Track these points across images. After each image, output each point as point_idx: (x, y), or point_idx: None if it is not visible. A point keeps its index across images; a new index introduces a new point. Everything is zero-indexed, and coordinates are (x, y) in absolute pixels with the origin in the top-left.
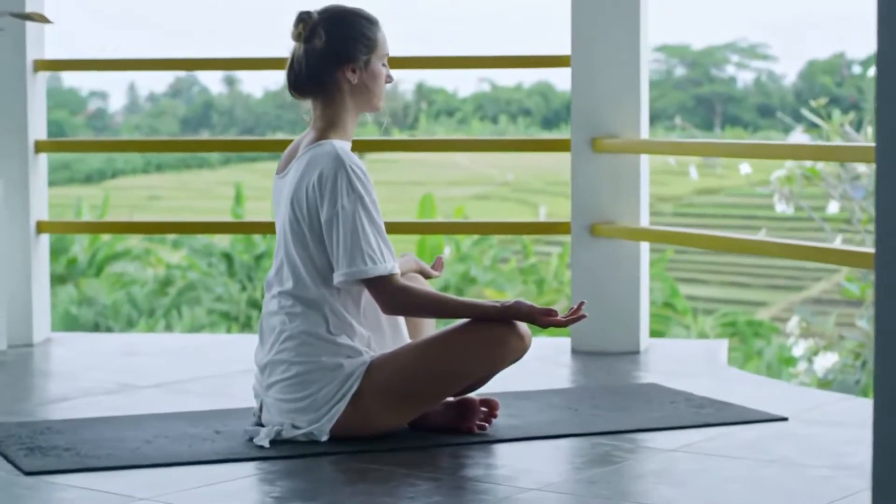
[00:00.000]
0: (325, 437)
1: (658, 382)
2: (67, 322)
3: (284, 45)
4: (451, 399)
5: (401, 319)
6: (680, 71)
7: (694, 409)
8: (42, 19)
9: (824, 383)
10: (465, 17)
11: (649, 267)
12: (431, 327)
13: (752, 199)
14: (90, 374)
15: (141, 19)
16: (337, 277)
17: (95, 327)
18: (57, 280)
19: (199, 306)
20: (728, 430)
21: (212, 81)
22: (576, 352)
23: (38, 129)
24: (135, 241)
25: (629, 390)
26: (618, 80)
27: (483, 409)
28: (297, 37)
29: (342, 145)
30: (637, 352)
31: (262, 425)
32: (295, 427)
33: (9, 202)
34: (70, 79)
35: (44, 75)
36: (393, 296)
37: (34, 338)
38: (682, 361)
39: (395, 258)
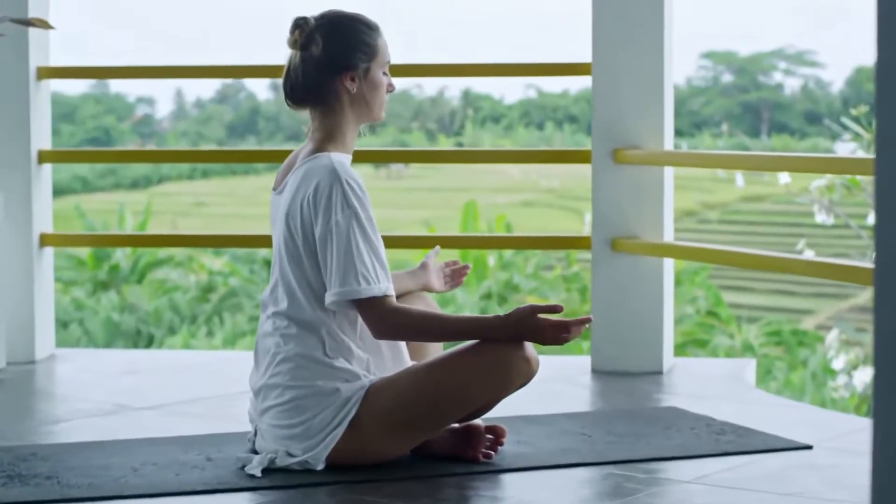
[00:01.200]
0: (320, 466)
1: (679, 405)
2: (109, 328)
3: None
4: (455, 425)
5: (402, 343)
6: (727, 78)
7: (714, 436)
8: (44, 25)
9: (864, 398)
10: (490, 21)
11: (693, 275)
12: (436, 349)
13: (797, 206)
14: (88, 394)
15: (150, 24)
16: (328, 297)
17: (137, 334)
18: (99, 286)
19: (240, 313)
20: (749, 460)
21: (259, 88)
22: (596, 372)
23: (41, 139)
24: (177, 248)
25: (648, 414)
26: (641, 89)
27: (489, 436)
28: (293, 44)
29: (339, 158)
30: (660, 372)
31: (257, 452)
32: (289, 455)
33: (10, 214)
34: (117, 85)
35: (48, 83)
36: (384, 319)
37: (36, 354)
38: (706, 382)
39: (389, 279)
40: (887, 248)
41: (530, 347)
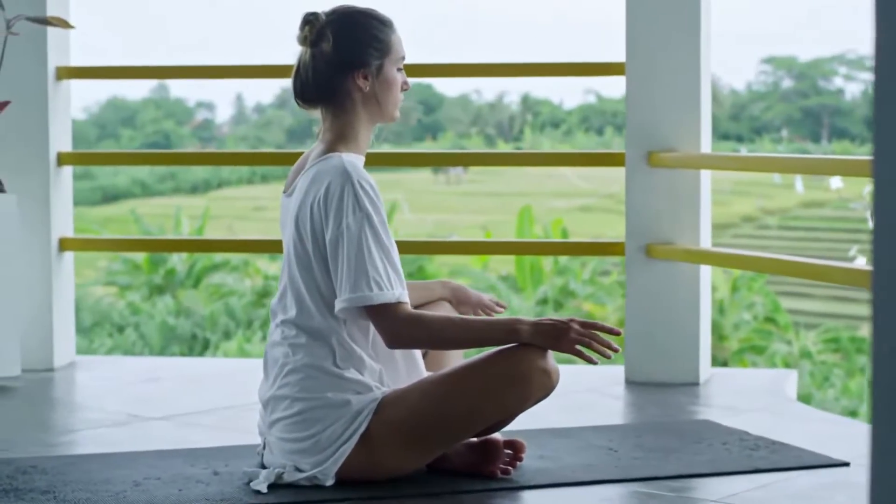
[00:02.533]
0: (330, 482)
1: (714, 419)
2: (164, 333)
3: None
4: (473, 439)
5: (416, 351)
6: (787, 83)
7: (747, 452)
8: (62, 24)
9: None
10: (521, 21)
11: (751, 281)
12: (455, 358)
13: (857, 212)
14: (101, 404)
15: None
16: (338, 304)
17: (193, 338)
18: (155, 290)
19: None
20: (781, 477)
21: None
22: (630, 382)
23: (61, 141)
24: (233, 253)
25: (679, 428)
26: (677, 89)
27: (507, 450)
28: (302, 40)
29: (351, 159)
30: (696, 383)
31: (266, 467)
32: (298, 470)
33: (28, 218)
34: (177, 90)
35: (68, 84)
36: (398, 327)
37: (55, 362)
38: (744, 394)
39: (403, 285)
40: (886, 252)
41: (551, 359)
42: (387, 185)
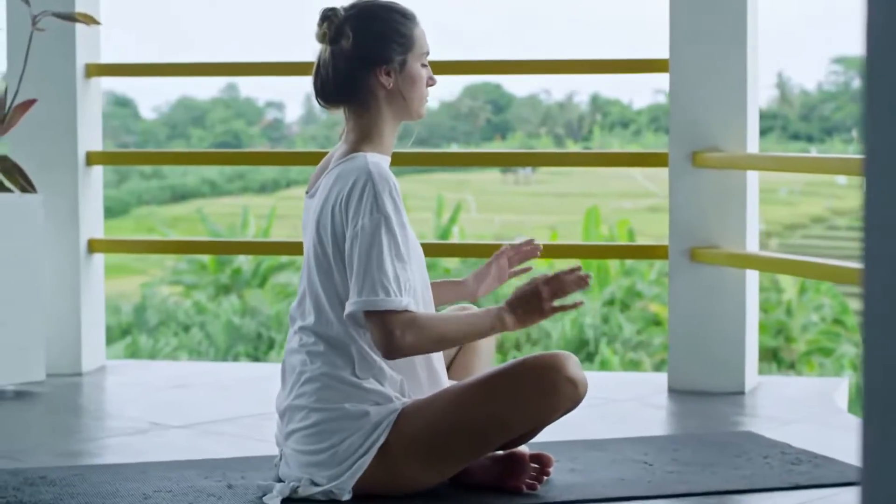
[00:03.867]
0: (347, 496)
1: (757, 430)
2: (230, 332)
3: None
4: (498, 452)
5: (438, 360)
6: (858, 83)
7: (788, 466)
8: (89, 20)
9: None
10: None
11: (819, 283)
12: (479, 369)
13: None
14: (124, 411)
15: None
16: (347, 307)
17: (258, 338)
18: (221, 290)
19: None
20: (822, 494)
21: None
22: (673, 391)
23: (90, 140)
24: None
25: (719, 440)
26: (722, 86)
27: (534, 464)
28: (321, 38)
29: (375, 159)
30: (742, 392)
31: (282, 480)
32: (313, 484)
33: (56, 219)
34: (247, 89)
35: (97, 81)
36: (398, 334)
37: (84, 366)
38: (791, 404)
39: (411, 294)
40: (874, 251)
41: (577, 368)
42: (455, 186)
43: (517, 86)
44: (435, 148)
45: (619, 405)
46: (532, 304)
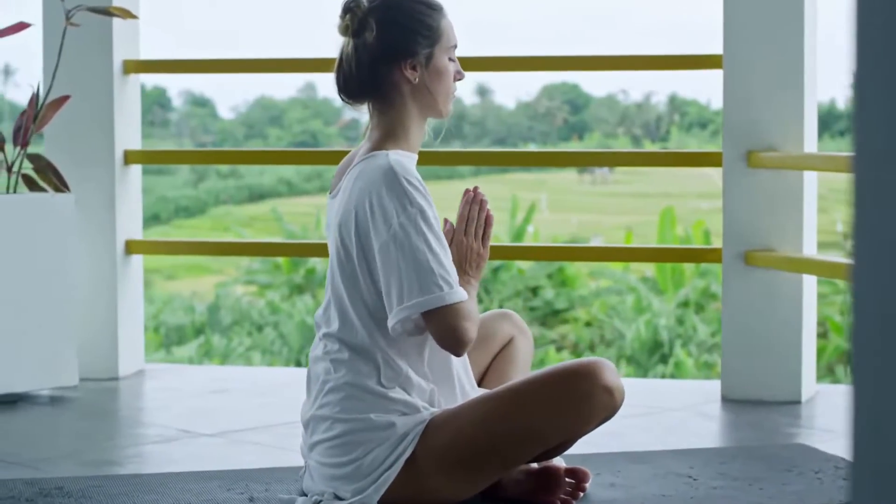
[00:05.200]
0: None
1: (811, 442)
2: (304, 332)
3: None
4: (533, 465)
5: (469, 366)
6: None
7: (840, 483)
8: (126, 15)
9: None
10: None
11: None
12: (512, 377)
13: None
14: (155, 418)
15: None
16: (400, 313)
17: None
18: (295, 290)
19: None
20: None
21: (465, 92)
22: (726, 400)
23: (128, 138)
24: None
25: (770, 453)
26: (778, 83)
27: (569, 479)
28: (344, 30)
29: (397, 157)
30: (798, 402)
31: (305, 493)
32: (337, 498)
33: (93, 219)
34: (324, 89)
35: (136, 78)
36: (463, 326)
37: (120, 371)
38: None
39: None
40: (864, 252)
41: (613, 375)
42: (532, 185)
43: (595, 86)
44: (512, 147)
45: (668, 415)
46: (469, 257)
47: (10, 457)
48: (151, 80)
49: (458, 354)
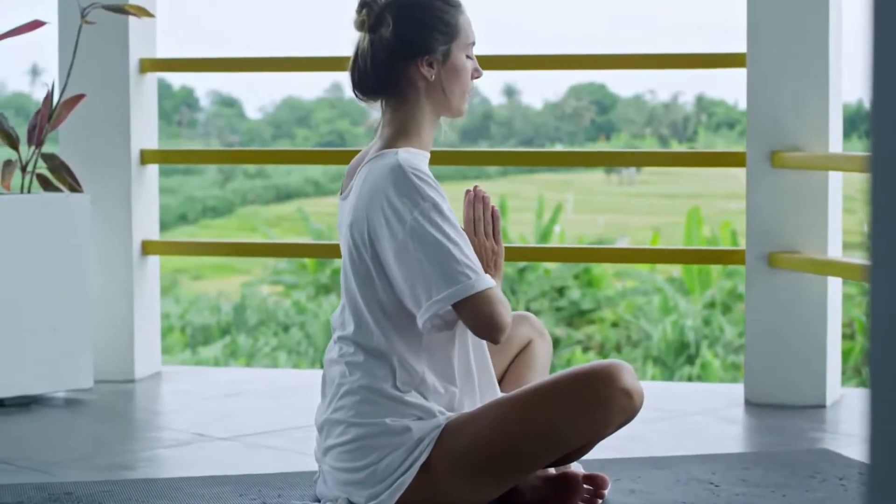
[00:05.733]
0: None
1: (835, 448)
2: (330, 331)
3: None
4: (550, 470)
5: (490, 370)
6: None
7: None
8: (142, 13)
9: None
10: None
11: None
12: (530, 379)
13: None
14: (169, 421)
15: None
16: (431, 307)
17: None
18: (321, 289)
19: None
20: None
21: (492, 92)
22: (749, 404)
23: (145, 138)
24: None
25: (793, 459)
26: (803, 82)
27: (587, 486)
28: (360, 25)
29: (406, 155)
30: (822, 406)
31: (319, 499)
32: (351, 503)
33: (108, 219)
34: (350, 89)
35: (153, 76)
36: (496, 310)
37: (136, 373)
38: None
39: None
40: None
41: (632, 378)
42: (559, 186)
43: (622, 86)
44: (539, 148)
45: (690, 419)
46: (486, 256)
47: (21, 461)
48: (179, 79)
49: (496, 341)
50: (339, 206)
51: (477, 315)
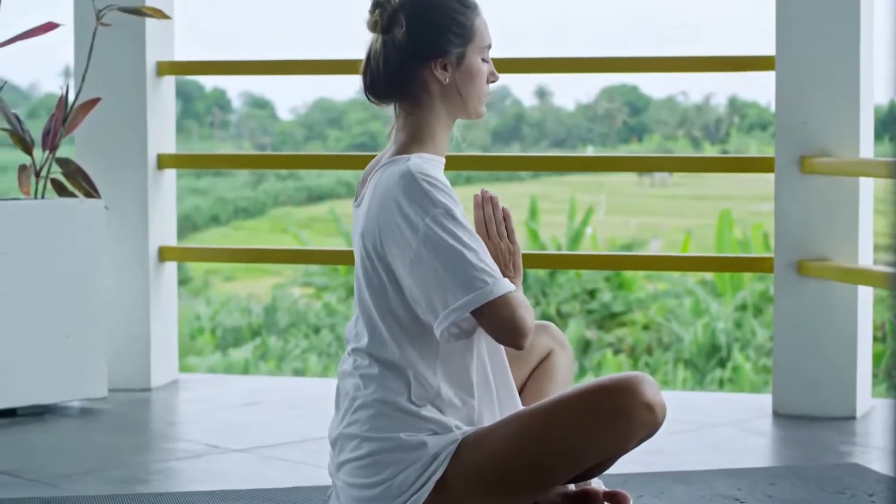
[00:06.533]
0: None
1: (865, 462)
2: None
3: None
4: (570, 486)
5: (510, 382)
6: None
7: None
8: (158, 15)
9: None
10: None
11: None
12: (549, 393)
13: None
14: (184, 431)
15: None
16: (449, 316)
17: None
18: (352, 291)
19: None
20: None
21: (524, 94)
22: (777, 415)
23: (162, 142)
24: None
25: (821, 474)
26: (833, 85)
27: (608, 503)
28: (373, 26)
29: (420, 161)
30: (852, 417)
31: None
32: None
33: (125, 225)
34: None
35: (170, 79)
36: (517, 314)
37: (153, 382)
38: None
39: None
40: None
41: (654, 391)
42: (590, 187)
43: (654, 87)
44: (571, 150)
45: (716, 431)
46: (503, 258)
47: (29, 473)
48: (211, 81)
49: (519, 347)
50: (353, 213)
51: (497, 321)
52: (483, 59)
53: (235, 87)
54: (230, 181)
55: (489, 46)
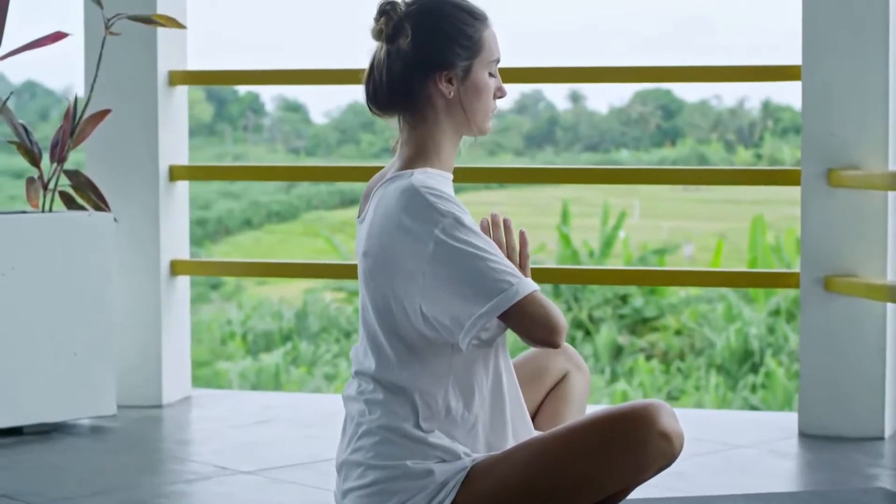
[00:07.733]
0: None
1: (893, 486)
2: None
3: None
4: None
5: (523, 407)
6: None
7: None
8: (171, 24)
9: None
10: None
11: None
12: (573, 417)
13: None
14: (193, 451)
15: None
16: (477, 322)
17: None
18: None
19: None
20: None
21: (558, 97)
22: (804, 435)
23: (174, 153)
24: None
25: (846, 498)
26: (861, 97)
27: None
28: (377, 34)
29: (424, 176)
30: (881, 438)
31: None
32: None
33: (136, 238)
34: None
35: (183, 89)
36: (547, 310)
37: (164, 398)
38: None
39: None
40: None
41: (671, 419)
42: (623, 191)
43: (687, 91)
44: (605, 153)
45: (742, 452)
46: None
47: (30, 496)
48: (243, 86)
49: (556, 345)
50: (357, 229)
51: (527, 320)
52: (490, 74)
53: (269, 91)
54: (263, 185)
55: (497, 61)
